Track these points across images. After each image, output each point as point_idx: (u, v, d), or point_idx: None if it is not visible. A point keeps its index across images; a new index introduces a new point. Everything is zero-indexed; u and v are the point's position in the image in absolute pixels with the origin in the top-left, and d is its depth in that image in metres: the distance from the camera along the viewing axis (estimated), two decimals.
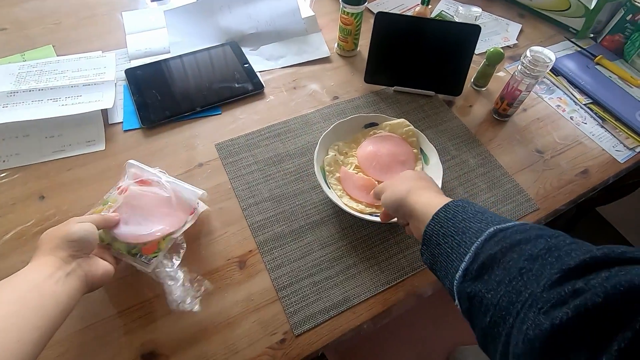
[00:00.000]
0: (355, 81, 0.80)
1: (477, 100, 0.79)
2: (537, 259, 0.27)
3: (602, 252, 0.25)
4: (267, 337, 0.49)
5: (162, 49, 0.81)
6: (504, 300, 0.27)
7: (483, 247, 0.31)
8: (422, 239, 0.39)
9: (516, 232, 0.31)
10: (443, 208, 0.38)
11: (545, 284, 0.25)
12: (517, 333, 0.25)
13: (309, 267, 0.55)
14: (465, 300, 0.31)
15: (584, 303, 0.22)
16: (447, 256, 0.35)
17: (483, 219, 0.34)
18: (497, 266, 0.29)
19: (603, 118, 0.77)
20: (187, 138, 0.68)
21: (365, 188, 0.61)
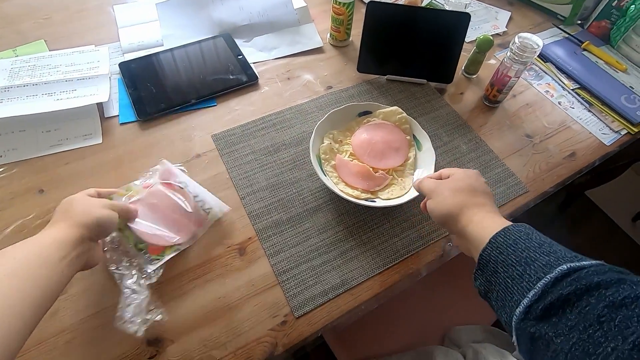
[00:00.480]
0: (349, 71, 0.81)
1: (467, 88, 0.81)
2: (621, 308, 0.25)
3: None
4: (269, 319, 0.51)
5: (155, 42, 0.81)
6: (578, 349, 0.25)
7: (554, 285, 0.29)
8: (477, 263, 0.36)
9: (594, 274, 0.28)
10: (502, 232, 0.35)
11: (635, 342, 0.23)
12: None
13: (307, 252, 0.56)
14: (527, 340, 0.29)
15: None
16: (506, 287, 0.32)
17: (551, 252, 0.31)
18: (570, 309, 0.27)
19: (590, 102, 0.79)
20: (184, 130, 0.69)
21: (361, 175, 0.62)
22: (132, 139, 0.66)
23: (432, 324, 0.76)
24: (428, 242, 0.59)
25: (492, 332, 0.72)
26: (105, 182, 0.60)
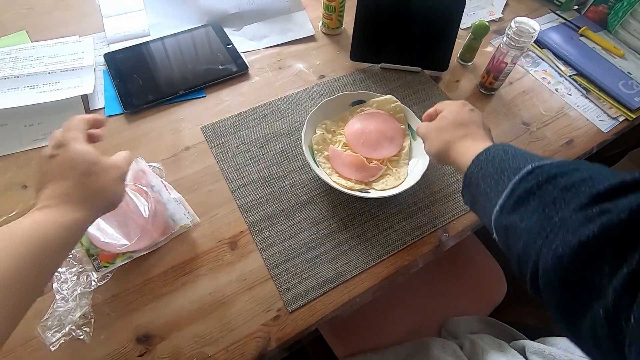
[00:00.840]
0: (341, 59, 0.79)
1: (463, 75, 0.79)
2: (571, 189, 0.28)
3: (633, 177, 0.25)
4: (262, 314, 0.49)
5: (142, 31, 0.79)
6: (536, 226, 0.28)
7: (520, 182, 0.32)
8: (463, 181, 0.40)
9: (553, 167, 0.31)
10: (483, 151, 0.39)
11: (575, 208, 0.26)
12: (547, 252, 0.26)
13: (300, 246, 0.55)
14: (502, 232, 0.33)
15: (610, 220, 0.23)
16: (486, 195, 0.36)
17: (522, 159, 0.35)
18: (533, 198, 0.30)
19: (587, 89, 0.78)
20: (172, 122, 0.67)
21: (354, 165, 0.61)
22: (118, 132, 0.64)
23: (429, 315, 0.75)
24: (424, 233, 0.58)
25: (489, 323, 0.71)
26: None
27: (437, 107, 0.52)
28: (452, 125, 0.46)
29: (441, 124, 0.47)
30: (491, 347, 0.59)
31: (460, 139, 0.44)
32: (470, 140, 0.43)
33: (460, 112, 0.47)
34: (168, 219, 0.53)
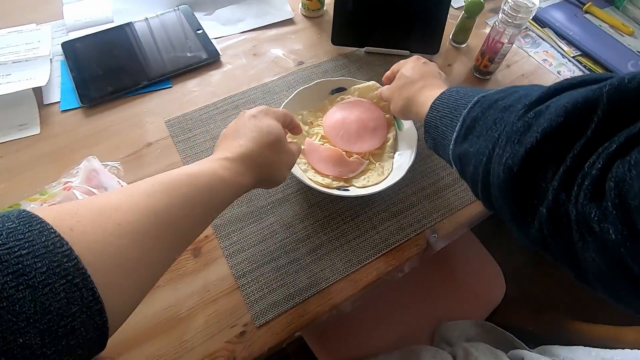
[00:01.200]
0: (323, 44, 0.72)
1: (456, 58, 0.73)
2: (509, 107, 0.30)
3: (558, 83, 0.27)
4: (226, 330, 0.44)
5: (105, 18, 0.72)
6: (482, 146, 0.30)
7: (468, 113, 0.34)
8: (424, 128, 0.42)
9: (495, 94, 0.33)
10: (438, 97, 0.41)
11: (514, 119, 0.27)
12: (497, 166, 0.27)
13: (271, 251, 0.49)
14: (457, 163, 0.35)
15: (549, 125, 0.24)
16: (443, 133, 0.38)
17: (471, 94, 0.36)
18: (478, 124, 0.32)
19: (592, 71, 0.71)
20: (134, 116, 0.61)
21: (332, 159, 0.55)
22: (74, 127, 0.59)
23: (421, 319, 0.69)
24: (410, 235, 0.52)
25: (485, 328, 0.66)
26: (42, 176, 0.53)
27: (394, 68, 0.54)
28: (409, 81, 0.48)
29: (400, 82, 0.50)
30: (486, 357, 0.54)
31: (419, 91, 0.46)
32: (428, 91, 0.45)
33: (416, 67, 0.50)
34: None
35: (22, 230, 0.21)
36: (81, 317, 0.21)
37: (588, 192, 0.21)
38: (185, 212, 0.29)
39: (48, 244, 0.21)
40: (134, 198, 0.27)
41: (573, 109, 0.23)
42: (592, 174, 0.21)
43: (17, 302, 0.19)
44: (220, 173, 0.34)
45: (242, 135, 0.38)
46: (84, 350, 0.22)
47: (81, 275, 0.21)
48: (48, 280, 0.20)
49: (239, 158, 0.36)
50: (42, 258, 0.20)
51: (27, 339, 0.19)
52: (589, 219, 0.21)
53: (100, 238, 0.23)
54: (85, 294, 0.21)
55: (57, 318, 0.20)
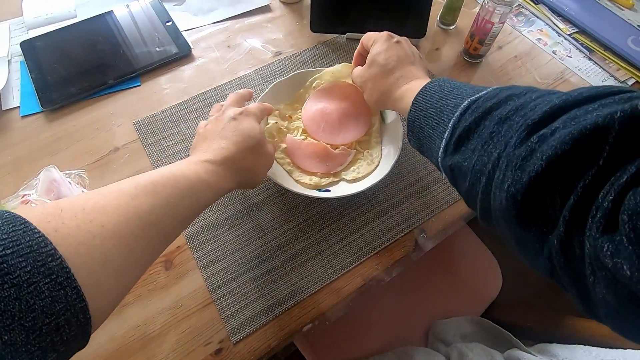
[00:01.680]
0: (302, 32, 0.68)
1: (445, 42, 0.68)
2: (506, 120, 0.28)
3: (561, 99, 0.25)
4: (200, 348, 0.41)
5: (67, 13, 0.68)
6: (478, 163, 0.29)
7: (459, 121, 0.32)
8: (407, 127, 0.39)
9: (487, 100, 0.31)
10: (420, 92, 0.38)
11: (516, 142, 0.26)
12: (499, 192, 0.26)
13: (248, 260, 0.46)
14: (448, 172, 0.33)
15: (555, 153, 0.22)
16: (430, 137, 0.35)
17: (458, 94, 0.34)
18: (472, 136, 0.30)
19: (590, 49, 0.67)
20: (100, 118, 0.57)
21: (317, 155, 0.51)
22: (35, 134, 0.55)
23: (415, 317, 0.67)
24: (397, 236, 0.49)
25: (481, 324, 0.63)
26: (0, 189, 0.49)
27: (363, 41, 0.48)
28: (383, 71, 0.44)
29: (373, 71, 0.45)
30: (481, 358, 0.51)
31: (395, 83, 0.43)
32: (405, 83, 0.42)
33: (389, 50, 0.44)
34: None
35: (6, 230, 0.21)
36: (65, 315, 0.21)
37: (600, 225, 0.20)
38: (168, 212, 0.29)
39: (32, 243, 0.21)
40: (117, 200, 0.27)
41: (580, 137, 0.22)
42: (604, 207, 0.20)
43: (2, 301, 0.19)
44: (204, 177, 0.34)
45: (223, 138, 0.38)
46: (67, 347, 0.22)
47: (65, 274, 0.22)
48: (32, 279, 0.20)
49: (222, 162, 0.36)
50: (26, 257, 0.21)
51: (11, 336, 0.19)
52: (601, 254, 0.19)
53: (85, 240, 0.24)
54: (69, 293, 0.22)
55: (42, 316, 0.20)
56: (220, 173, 0.36)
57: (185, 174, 0.33)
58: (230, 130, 0.39)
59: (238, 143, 0.38)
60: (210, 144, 0.38)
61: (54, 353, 0.21)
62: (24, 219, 0.22)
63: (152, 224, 0.28)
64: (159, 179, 0.30)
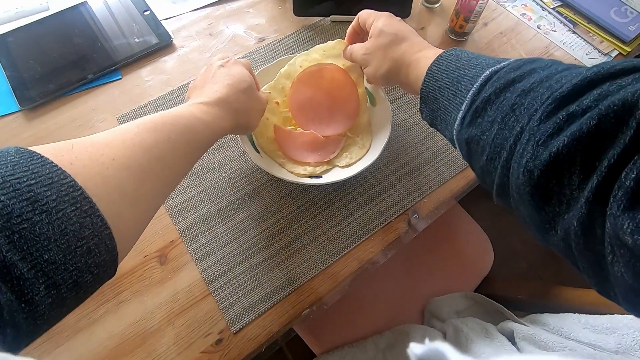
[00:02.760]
0: (285, 16, 0.66)
1: (430, 21, 0.67)
2: (529, 92, 0.27)
3: (592, 71, 0.24)
4: (201, 339, 0.42)
5: (39, 6, 0.65)
6: (498, 137, 0.27)
7: (479, 92, 0.30)
8: (420, 97, 0.37)
9: (510, 71, 0.29)
10: (435, 61, 0.36)
11: (541, 117, 0.24)
12: (517, 166, 0.25)
13: (243, 250, 0.46)
14: (464, 146, 0.32)
15: (580, 128, 0.21)
16: (445, 109, 0.34)
17: (477, 64, 0.32)
18: (491, 107, 0.29)
19: (574, 22, 0.67)
20: (82, 115, 0.55)
21: (309, 145, 0.51)
22: (15, 134, 0.53)
23: (411, 297, 0.68)
24: (390, 218, 0.49)
25: (475, 299, 0.65)
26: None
27: (360, 18, 0.46)
28: (395, 39, 0.41)
29: (383, 40, 0.42)
30: (476, 333, 0.53)
31: (407, 52, 0.40)
32: (418, 52, 0.39)
33: (396, 23, 0.43)
34: None
35: (25, 163, 0.22)
36: (94, 239, 0.23)
37: (622, 203, 0.19)
38: (171, 148, 0.30)
39: (52, 175, 0.22)
40: (122, 136, 0.28)
41: (607, 112, 0.21)
42: (626, 185, 0.19)
43: (37, 224, 0.20)
44: (200, 116, 0.35)
45: (215, 83, 0.39)
46: (100, 270, 0.24)
47: (88, 203, 0.23)
48: (60, 207, 0.22)
49: (216, 102, 0.37)
50: (49, 187, 0.22)
51: (51, 255, 0.21)
52: (621, 231, 0.19)
53: (99, 171, 0.25)
54: (94, 220, 0.23)
55: (74, 239, 0.22)
56: (216, 113, 0.36)
57: (181, 114, 0.33)
58: (221, 76, 0.40)
59: (230, 85, 0.39)
60: (202, 90, 0.39)
61: (89, 274, 0.23)
62: (39, 154, 0.23)
63: (157, 157, 0.29)
64: (158, 118, 0.31)
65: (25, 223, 0.20)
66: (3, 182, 0.20)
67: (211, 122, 0.35)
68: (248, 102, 0.40)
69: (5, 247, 0.19)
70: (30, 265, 0.20)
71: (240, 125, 0.40)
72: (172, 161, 0.31)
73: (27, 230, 0.20)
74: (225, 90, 0.38)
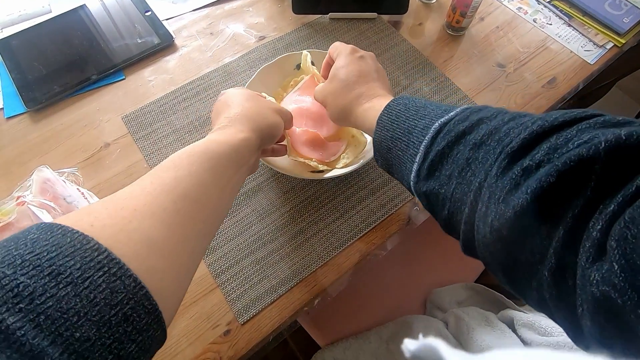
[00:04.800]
0: (284, 14, 0.67)
1: (427, 17, 0.68)
2: (481, 145, 0.27)
3: (537, 125, 0.25)
4: (209, 331, 0.43)
5: (42, 8, 0.66)
6: (457, 192, 0.28)
7: (431, 145, 0.31)
8: (373, 147, 0.38)
9: (458, 122, 0.30)
10: (385, 110, 0.36)
11: (497, 173, 0.25)
12: (483, 225, 0.25)
13: (248, 244, 0.47)
14: (423, 198, 0.32)
15: (539, 185, 0.22)
16: (400, 159, 0.34)
17: (426, 114, 0.33)
18: (446, 161, 0.29)
19: (569, 15, 0.67)
20: (87, 115, 0.56)
21: (311, 143, 0.51)
22: (22, 135, 0.54)
23: (413, 288, 0.69)
24: (390, 211, 0.50)
25: (475, 289, 0.66)
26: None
27: (331, 51, 0.46)
28: (344, 86, 0.42)
29: (333, 86, 0.43)
30: (477, 322, 0.54)
31: (356, 100, 0.40)
32: (366, 101, 0.40)
33: (350, 65, 0.42)
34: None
35: (45, 237, 0.21)
36: (129, 303, 0.21)
37: (590, 255, 0.20)
38: (195, 181, 0.29)
39: (74, 243, 0.21)
40: (140, 184, 0.27)
41: (565, 169, 0.21)
42: (593, 236, 0.20)
43: (62, 300, 0.19)
44: (215, 138, 0.34)
45: (219, 115, 0.39)
46: (144, 336, 0.22)
47: (116, 265, 0.21)
48: (85, 275, 0.20)
49: (228, 123, 0.37)
50: (72, 256, 0.20)
51: (83, 332, 0.19)
52: (589, 282, 0.19)
53: (122, 227, 0.23)
54: (126, 282, 0.21)
55: (107, 308, 0.20)
56: (230, 129, 0.36)
57: (196, 145, 0.32)
58: (220, 107, 0.40)
59: (231, 105, 0.39)
60: (213, 125, 0.40)
61: (131, 344, 0.21)
62: (59, 224, 0.22)
63: (181, 195, 0.27)
64: (176, 155, 0.30)
65: (50, 301, 0.18)
66: (22, 262, 0.19)
67: (229, 137, 0.34)
68: (257, 106, 0.40)
69: (31, 332, 0.17)
70: (62, 348, 0.18)
71: (263, 128, 0.38)
72: (199, 196, 0.28)
73: (53, 308, 0.18)
74: (230, 111, 0.38)
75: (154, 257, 0.23)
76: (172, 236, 0.25)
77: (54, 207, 0.44)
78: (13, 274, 0.19)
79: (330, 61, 0.46)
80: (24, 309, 0.18)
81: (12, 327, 0.17)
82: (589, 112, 0.24)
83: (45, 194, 0.46)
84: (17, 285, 0.18)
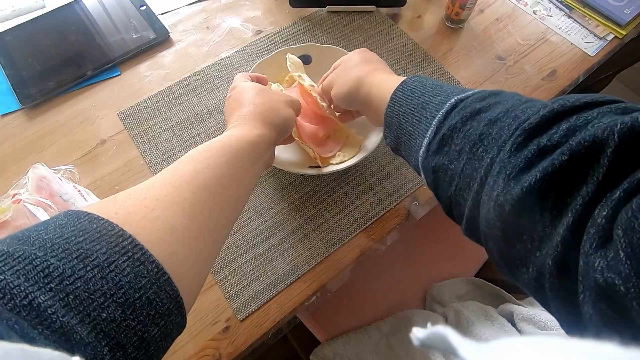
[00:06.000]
0: (281, 8, 0.66)
1: (426, 9, 0.67)
2: (496, 122, 0.27)
3: (558, 103, 0.24)
4: (208, 328, 0.43)
5: (35, 3, 0.65)
6: (468, 167, 0.27)
7: (445, 119, 0.30)
8: (384, 123, 0.37)
9: (476, 101, 0.29)
10: (400, 86, 0.35)
11: (511, 148, 0.24)
12: (487, 200, 0.25)
13: (247, 240, 0.47)
14: (430, 174, 0.31)
15: (552, 164, 0.21)
16: (410, 135, 0.34)
17: (442, 92, 0.32)
18: (457, 136, 0.29)
19: (570, 6, 0.67)
20: (83, 111, 0.56)
21: (310, 136, 0.51)
22: (17, 132, 0.54)
23: (413, 283, 0.69)
24: (390, 206, 0.50)
25: (475, 284, 0.66)
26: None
27: (337, 63, 0.46)
28: (359, 63, 0.42)
29: (348, 64, 0.43)
30: (477, 316, 0.54)
31: (372, 72, 0.41)
32: (383, 73, 0.40)
33: (364, 53, 0.44)
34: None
35: (73, 223, 0.22)
36: (152, 288, 0.22)
37: (594, 242, 0.19)
38: (213, 173, 0.29)
39: (100, 229, 0.22)
40: (161, 176, 0.28)
41: (578, 148, 0.21)
42: (598, 223, 0.19)
43: (90, 281, 0.20)
44: (231, 133, 0.35)
45: (232, 113, 0.39)
46: (166, 321, 0.22)
47: (140, 250, 0.22)
48: (111, 259, 0.21)
49: (242, 120, 0.37)
50: (98, 241, 0.21)
51: (109, 312, 0.20)
52: (592, 269, 0.19)
53: (145, 214, 0.24)
54: (149, 267, 0.22)
55: (131, 291, 0.21)
56: (245, 126, 0.36)
57: (214, 140, 0.33)
58: (233, 104, 0.40)
59: (243, 103, 0.39)
60: (227, 124, 0.40)
61: (154, 327, 0.22)
62: (86, 212, 0.23)
63: (201, 187, 0.28)
64: (194, 150, 0.31)
65: (78, 282, 0.19)
66: (52, 246, 0.20)
67: (245, 132, 0.35)
68: (268, 101, 0.40)
69: (61, 311, 0.18)
70: (90, 327, 0.19)
71: (277, 123, 0.39)
72: (218, 187, 0.29)
73: (81, 289, 0.19)
74: (243, 110, 0.38)
75: (176, 244, 0.24)
76: (193, 225, 0.26)
77: (51, 204, 0.44)
78: (44, 256, 0.20)
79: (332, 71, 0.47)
80: (54, 288, 0.19)
81: (43, 305, 0.18)
82: (610, 98, 0.24)
83: (41, 191, 0.46)
84: (48, 266, 0.19)
